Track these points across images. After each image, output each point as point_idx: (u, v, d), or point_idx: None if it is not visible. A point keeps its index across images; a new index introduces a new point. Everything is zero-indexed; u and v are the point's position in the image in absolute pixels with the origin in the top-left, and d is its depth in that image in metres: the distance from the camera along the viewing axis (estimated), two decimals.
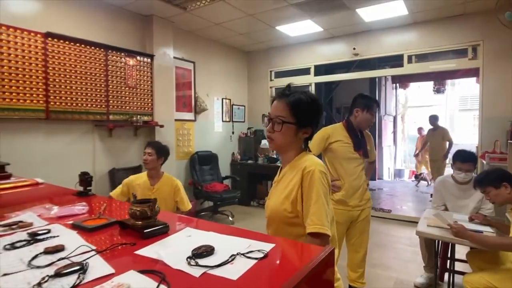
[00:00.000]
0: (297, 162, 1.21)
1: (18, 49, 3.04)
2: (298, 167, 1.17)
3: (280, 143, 1.21)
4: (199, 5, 3.93)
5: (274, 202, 1.21)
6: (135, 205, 0.93)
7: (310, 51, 5.55)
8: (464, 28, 4.26)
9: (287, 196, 1.17)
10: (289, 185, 1.18)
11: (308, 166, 1.14)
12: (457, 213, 2.64)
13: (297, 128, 1.18)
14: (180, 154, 4.91)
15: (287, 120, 1.17)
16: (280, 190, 1.22)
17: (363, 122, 2.37)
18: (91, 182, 1.47)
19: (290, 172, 1.21)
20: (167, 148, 2.65)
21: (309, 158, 1.19)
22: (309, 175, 1.12)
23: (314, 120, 1.22)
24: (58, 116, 3.34)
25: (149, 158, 2.51)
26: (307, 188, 1.12)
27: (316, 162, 1.17)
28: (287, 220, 1.16)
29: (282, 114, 1.17)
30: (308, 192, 1.11)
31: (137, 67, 4.12)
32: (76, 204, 1.21)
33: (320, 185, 1.12)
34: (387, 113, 8.65)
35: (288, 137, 1.19)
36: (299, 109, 1.17)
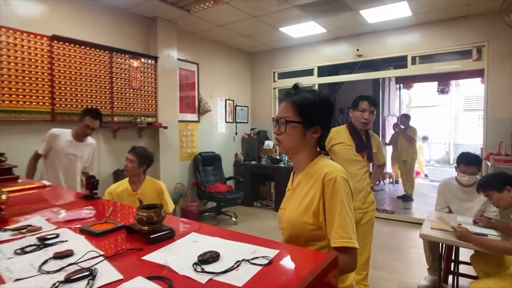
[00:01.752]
0: (314, 168, 1.12)
1: (24, 52, 3.08)
2: (317, 173, 1.08)
3: (287, 145, 1.13)
4: (202, 7, 3.95)
5: (292, 213, 1.11)
6: (141, 211, 0.94)
7: (314, 52, 5.55)
8: (468, 29, 4.24)
9: (307, 207, 1.07)
10: (308, 194, 1.09)
11: (329, 173, 1.05)
12: (461, 215, 2.63)
13: (303, 128, 1.10)
14: (183, 155, 4.93)
15: (291, 120, 1.10)
16: (298, 199, 1.12)
17: (355, 121, 2.39)
18: (97, 186, 1.49)
19: (307, 179, 1.12)
20: (151, 156, 2.54)
21: (327, 164, 1.11)
22: (331, 183, 1.03)
23: (322, 119, 1.12)
24: (64, 118, 3.38)
25: (130, 165, 2.40)
26: (330, 197, 1.03)
27: (337, 168, 1.08)
28: (309, 233, 1.06)
29: (286, 114, 1.11)
30: (332, 202, 1.03)
31: (141, 69, 4.15)
32: (83, 208, 1.23)
33: (344, 193, 1.03)
34: (390, 113, 8.63)
35: (295, 138, 1.11)
36: (304, 108, 1.09)
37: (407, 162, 6.21)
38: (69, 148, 2.74)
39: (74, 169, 2.79)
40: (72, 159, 2.77)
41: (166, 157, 4.45)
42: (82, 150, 2.83)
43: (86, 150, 2.87)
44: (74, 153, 2.77)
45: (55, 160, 2.71)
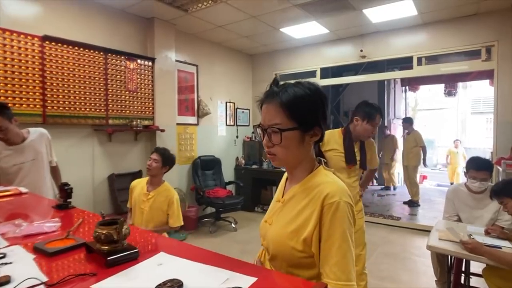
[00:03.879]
0: (312, 182, 0.91)
1: (14, 53, 2.98)
2: (316, 191, 0.88)
3: (285, 158, 0.92)
4: (200, 7, 3.84)
5: (278, 233, 0.92)
6: (100, 227, 0.81)
7: (316, 53, 5.41)
8: (477, 29, 4.06)
9: (296, 230, 0.88)
10: (300, 215, 0.89)
11: (330, 195, 0.85)
12: (471, 224, 2.46)
13: (301, 134, 0.89)
14: (182, 158, 4.81)
15: (286, 127, 0.87)
16: (287, 217, 0.92)
17: (362, 133, 2.20)
18: (71, 194, 1.36)
19: (303, 194, 0.91)
20: (173, 158, 2.57)
21: (330, 181, 0.89)
22: (332, 208, 0.83)
23: (320, 116, 0.91)
24: (56, 121, 3.27)
25: (154, 164, 2.43)
26: (329, 225, 0.83)
27: (341, 188, 0.87)
28: (297, 260, 0.87)
29: (277, 120, 0.88)
30: (330, 232, 0.83)
31: (137, 71, 4.04)
32: (48, 221, 1.10)
33: (347, 223, 0.83)
34: (396, 116, 8.44)
35: (293, 148, 0.90)
36: (298, 107, 0.88)
37: (408, 167, 6.03)
38: (12, 157, 2.24)
39: (36, 174, 2.34)
40: (26, 165, 2.28)
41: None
42: (30, 151, 2.32)
43: (35, 147, 2.35)
44: (21, 159, 2.27)
45: (11, 177, 2.24)
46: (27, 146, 2.29)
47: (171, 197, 2.47)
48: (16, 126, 2.23)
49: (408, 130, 6.13)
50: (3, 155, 2.22)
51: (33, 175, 2.29)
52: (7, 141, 2.20)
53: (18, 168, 2.24)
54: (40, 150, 2.36)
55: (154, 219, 2.42)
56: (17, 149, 2.25)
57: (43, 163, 2.37)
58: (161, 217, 2.44)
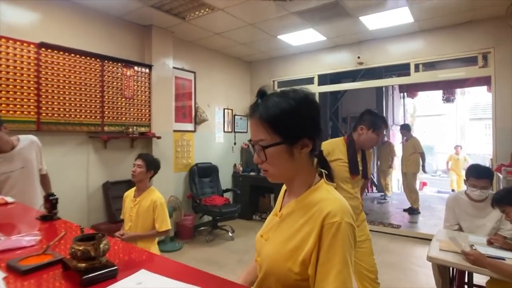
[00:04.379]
0: (311, 198, 0.85)
1: (9, 60, 2.95)
2: (316, 208, 0.81)
3: (277, 174, 0.87)
4: (198, 14, 3.83)
5: (274, 252, 0.85)
6: (76, 243, 0.76)
7: (314, 60, 5.40)
8: (473, 35, 4.06)
9: (294, 250, 0.81)
10: (299, 233, 0.82)
11: (331, 214, 0.78)
12: (473, 233, 2.40)
13: (288, 147, 0.83)
14: (179, 166, 4.76)
15: (269, 143, 0.82)
16: (285, 235, 0.85)
17: (367, 142, 2.15)
18: (56, 205, 1.31)
19: (302, 211, 0.85)
20: (157, 162, 2.54)
21: (331, 198, 0.83)
22: (333, 229, 0.76)
23: (308, 126, 0.84)
24: (50, 128, 3.24)
25: (138, 170, 2.41)
26: (328, 247, 0.76)
27: (342, 206, 0.80)
28: (293, 283, 0.81)
29: (261, 136, 0.84)
30: (330, 256, 0.76)
31: (134, 78, 4.02)
32: (27, 234, 1.05)
33: (348, 246, 0.77)
34: (395, 123, 8.42)
35: (282, 163, 0.85)
36: (280, 120, 0.82)
37: (407, 174, 5.97)
38: (1, 166, 2.17)
39: (25, 183, 2.27)
40: (15, 174, 2.22)
41: None
42: (20, 159, 2.25)
43: (25, 154, 2.29)
44: (10, 168, 2.20)
45: None
46: (16, 154, 2.23)
47: (155, 201, 2.42)
48: (5, 133, 2.19)
49: (407, 136, 6.10)
50: None
51: (22, 184, 2.23)
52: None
53: (7, 177, 2.18)
54: (30, 158, 2.30)
55: (141, 224, 2.38)
56: (6, 157, 2.19)
57: (33, 171, 2.31)
58: (148, 222, 2.40)
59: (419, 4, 3.57)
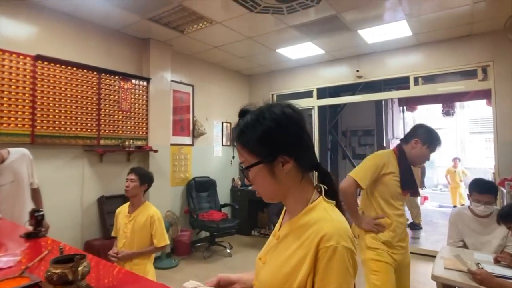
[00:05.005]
0: (308, 218, 0.79)
1: (5, 72, 2.93)
2: (310, 230, 0.76)
3: (266, 193, 0.84)
4: (196, 28, 3.85)
5: (271, 276, 0.80)
6: (53, 266, 0.69)
7: (312, 74, 5.41)
8: (472, 49, 4.07)
9: (288, 275, 0.76)
10: (292, 258, 0.77)
11: (326, 237, 0.71)
12: (478, 250, 2.31)
13: (267, 166, 0.79)
14: (176, 180, 4.68)
15: (247, 164, 0.81)
16: (280, 259, 0.80)
17: (418, 158, 2.01)
18: (41, 221, 1.24)
19: (297, 233, 0.79)
20: (150, 175, 2.48)
21: (327, 218, 0.76)
22: (328, 254, 0.70)
23: (286, 141, 0.79)
24: (45, 141, 3.18)
25: (132, 184, 2.33)
26: (323, 275, 0.71)
27: (340, 228, 0.74)
28: None
29: (242, 158, 0.83)
30: (324, 282, 0.70)
31: (132, 91, 3.99)
32: (6, 254, 0.98)
33: (344, 273, 0.70)
34: (395, 136, 8.39)
35: (266, 183, 0.81)
36: (253, 140, 0.79)
37: None
38: None
39: (15, 198, 2.21)
40: (5, 188, 2.16)
41: (156, 183, 4.04)
42: (10, 172, 2.20)
43: (16, 168, 2.25)
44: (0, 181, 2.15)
45: None
46: (6, 167, 2.17)
47: (152, 215, 2.34)
48: None
49: None
50: None
51: (12, 198, 2.16)
52: None
53: None
54: (20, 171, 2.24)
55: (137, 240, 2.29)
56: None
57: (23, 185, 2.25)
58: (144, 238, 2.31)
59: (418, 17, 3.59)
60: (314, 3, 3.19)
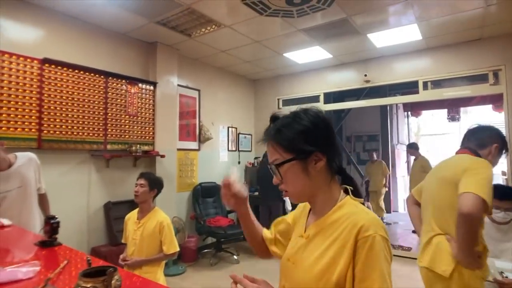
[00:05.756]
0: (339, 214, 0.82)
1: (12, 76, 2.89)
2: (345, 223, 0.79)
3: (296, 192, 0.86)
4: (204, 31, 3.82)
5: (304, 274, 0.81)
6: (83, 279, 0.63)
7: (319, 78, 5.37)
8: (483, 53, 4.03)
9: (325, 270, 0.78)
10: (328, 252, 0.79)
11: (365, 228, 0.75)
12: (497, 258, 2.24)
13: (302, 163, 0.83)
14: (182, 185, 4.61)
15: (281, 161, 0.84)
16: (313, 255, 0.82)
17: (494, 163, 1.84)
18: (57, 229, 1.18)
19: (331, 229, 0.82)
20: (160, 180, 2.44)
21: (360, 211, 0.81)
22: (368, 242, 0.74)
23: (319, 140, 0.84)
24: (51, 146, 3.13)
25: (141, 189, 2.29)
26: (365, 265, 0.74)
27: (375, 219, 0.78)
28: None
29: (276, 156, 0.86)
30: (367, 273, 0.73)
31: (138, 95, 3.95)
32: (24, 264, 0.92)
33: (384, 260, 0.74)
34: (399, 142, 8.33)
35: (298, 180, 0.84)
36: (288, 137, 0.84)
37: None
38: None
39: (22, 204, 2.16)
40: (12, 194, 2.10)
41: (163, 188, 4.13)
42: (17, 177, 2.15)
43: (23, 173, 2.20)
44: (7, 187, 2.09)
45: None
46: (13, 172, 2.11)
47: (161, 221, 2.28)
48: (2, 150, 2.07)
49: (415, 155, 5.97)
50: None
51: (19, 204, 2.10)
52: None
53: (3, 197, 2.05)
54: (27, 176, 2.18)
55: (146, 247, 2.23)
56: (3, 176, 2.07)
57: (30, 190, 2.19)
58: (154, 245, 2.24)
59: (428, 21, 3.56)
60: (325, 6, 3.16)
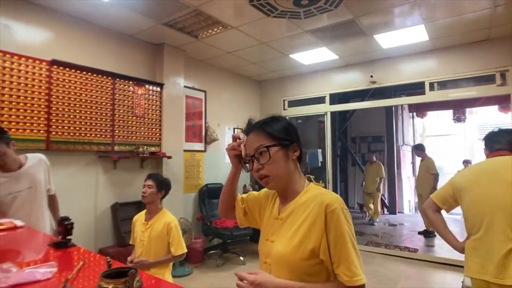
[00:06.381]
0: (308, 196, 1.01)
1: (21, 77, 2.91)
2: (314, 203, 0.98)
3: (277, 174, 1.00)
4: (211, 33, 3.83)
5: (284, 247, 0.98)
6: (104, 280, 0.63)
7: (325, 79, 5.37)
8: (490, 54, 4.00)
9: (301, 242, 0.95)
10: (302, 227, 0.97)
11: (330, 204, 0.94)
12: None
13: (284, 150, 1.01)
14: (188, 186, 4.62)
15: (268, 144, 0.99)
16: (290, 232, 0.99)
17: None
18: (71, 230, 1.18)
19: (302, 208, 1.00)
20: (168, 181, 2.43)
21: (324, 192, 1.01)
22: (335, 215, 0.93)
23: (294, 136, 1.05)
24: (60, 147, 3.14)
25: (149, 190, 2.29)
26: (335, 232, 0.93)
27: (337, 196, 0.99)
28: (305, 269, 0.95)
29: (261, 142, 1.01)
30: (338, 237, 0.93)
31: (145, 96, 3.96)
32: (42, 265, 0.92)
33: (347, 225, 0.94)
34: (405, 143, 8.29)
35: (281, 163, 1.00)
36: (274, 128, 1.02)
37: (422, 196, 5.73)
38: (7, 186, 2.06)
39: (32, 204, 2.16)
40: (22, 194, 2.10)
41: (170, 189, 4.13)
42: (27, 178, 2.15)
43: (33, 174, 2.20)
44: (17, 187, 2.09)
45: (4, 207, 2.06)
46: (24, 173, 2.12)
47: (168, 223, 2.28)
48: (13, 151, 2.08)
49: (421, 157, 5.92)
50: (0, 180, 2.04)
51: (29, 205, 2.11)
52: (3, 167, 2.03)
53: (13, 197, 2.05)
54: (38, 177, 2.18)
55: (154, 249, 2.23)
56: (13, 176, 2.07)
57: (40, 191, 2.19)
58: (161, 246, 2.24)
59: (435, 22, 3.54)
60: (332, 7, 3.15)
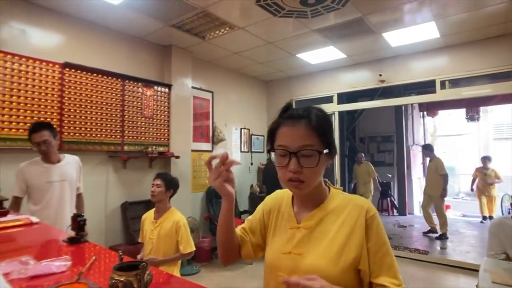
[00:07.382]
0: (337, 202, 0.90)
1: (35, 80, 2.99)
2: (347, 208, 0.88)
3: (312, 183, 0.85)
4: (218, 34, 3.86)
5: (319, 260, 0.83)
6: (117, 273, 0.65)
7: (333, 78, 5.35)
8: (506, 50, 3.89)
9: (341, 252, 0.82)
10: (339, 234, 0.85)
11: (369, 208, 0.87)
12: None
13: (328, 157, 0.87)
14: (196, 186, 4.66)
15: (323, 149, 0.83)
16: (323, 242, 0.85)
17: None
18: (84, 227, 1.21)
19: (334, 215, 0.88)
20: (176, 181, 2.46)
21: (352, 196, 0.93)
22: (375, 221, 0.86)
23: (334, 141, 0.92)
24: (71, 147, 3.21)
25: (157, 189, 2.33)
26: (376, 239, 0.85)
27: (369, 201, 0.92)
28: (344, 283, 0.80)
29: (310, 142, 0.83)
30: (379, 244, 0.85)
31: (154, 97, 4.02)
32: (57, 259, 0.95)
33: (385, 231, 0.88)
34: (415, 142, 8.18)
35: (322, 171, 0.87)
36: (326, 131, 0.86)
37: (432, 196, 5.64)
38: (45, 175, 2.28)
39: (62, 196, 2.34)
40: (55, 185, 2.31)
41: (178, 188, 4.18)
42: (63, 172, 2.37)
43: (68, 169, 2.42)
44: (54, 178, 2.31)
45: (39, 196, 2.26)
46: (60, 166, 2.37)
47: (177, 221, 2.31)
48: (56, 145, 2.35)
49: (430, 157, 5.84)
50: (38, 172, 2.27)
51: (60, 196, 2.33)
52: (47, 155, 2.29)
53: (49, 187, 2.28)
54: (71, 173, 2.44)
55: (163, 247, 2.26)
56: (51, 168, 2.32)
57: (71, 186, 2.42)
58: (170, 244, 2.27)
59: (447, 18, 3.49)
60: (339, 6, 3.15)
